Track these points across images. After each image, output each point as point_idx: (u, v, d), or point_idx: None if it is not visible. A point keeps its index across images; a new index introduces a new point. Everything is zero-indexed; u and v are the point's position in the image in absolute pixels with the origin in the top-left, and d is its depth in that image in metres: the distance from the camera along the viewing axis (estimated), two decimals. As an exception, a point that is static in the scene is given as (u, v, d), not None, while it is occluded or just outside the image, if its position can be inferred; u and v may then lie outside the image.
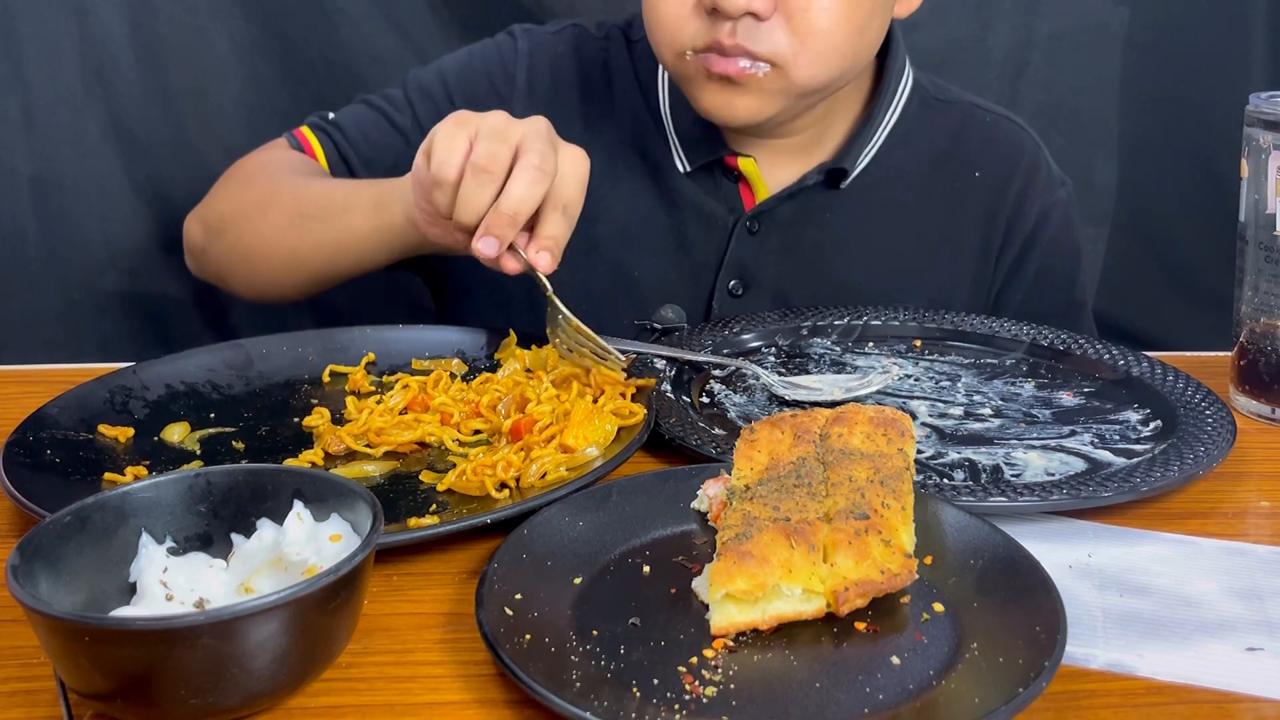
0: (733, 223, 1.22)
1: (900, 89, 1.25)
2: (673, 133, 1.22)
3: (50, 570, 0.60)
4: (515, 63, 1.26)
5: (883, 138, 1.23)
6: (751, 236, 1.22)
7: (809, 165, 1.22)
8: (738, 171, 1.21)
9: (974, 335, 1.11)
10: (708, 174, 1.22)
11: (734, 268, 1.22)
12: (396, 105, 1.26)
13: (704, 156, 1.21)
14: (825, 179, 1.21)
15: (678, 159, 1.22)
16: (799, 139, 1.21)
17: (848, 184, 1.22)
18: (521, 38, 1.27)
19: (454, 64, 1.28)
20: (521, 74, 1.25)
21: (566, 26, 1.29)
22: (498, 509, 0.75)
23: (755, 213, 1.21)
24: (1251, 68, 1.65)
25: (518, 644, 0.60)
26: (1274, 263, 0.95)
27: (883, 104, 1.22)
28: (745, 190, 1.23)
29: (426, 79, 1.27)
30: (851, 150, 1.21)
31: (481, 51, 1.28)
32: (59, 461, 0.83)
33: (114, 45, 1.48)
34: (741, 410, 0.96)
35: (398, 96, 1.27)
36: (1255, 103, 0.95)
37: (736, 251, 1.21)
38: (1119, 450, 0.89)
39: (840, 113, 1.23)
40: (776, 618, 0.64)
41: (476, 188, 0.90)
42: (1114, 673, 0.64)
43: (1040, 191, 1.27)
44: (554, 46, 1.27)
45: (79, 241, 1.50)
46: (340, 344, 1.04)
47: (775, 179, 1.22)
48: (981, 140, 1.28)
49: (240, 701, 0.56)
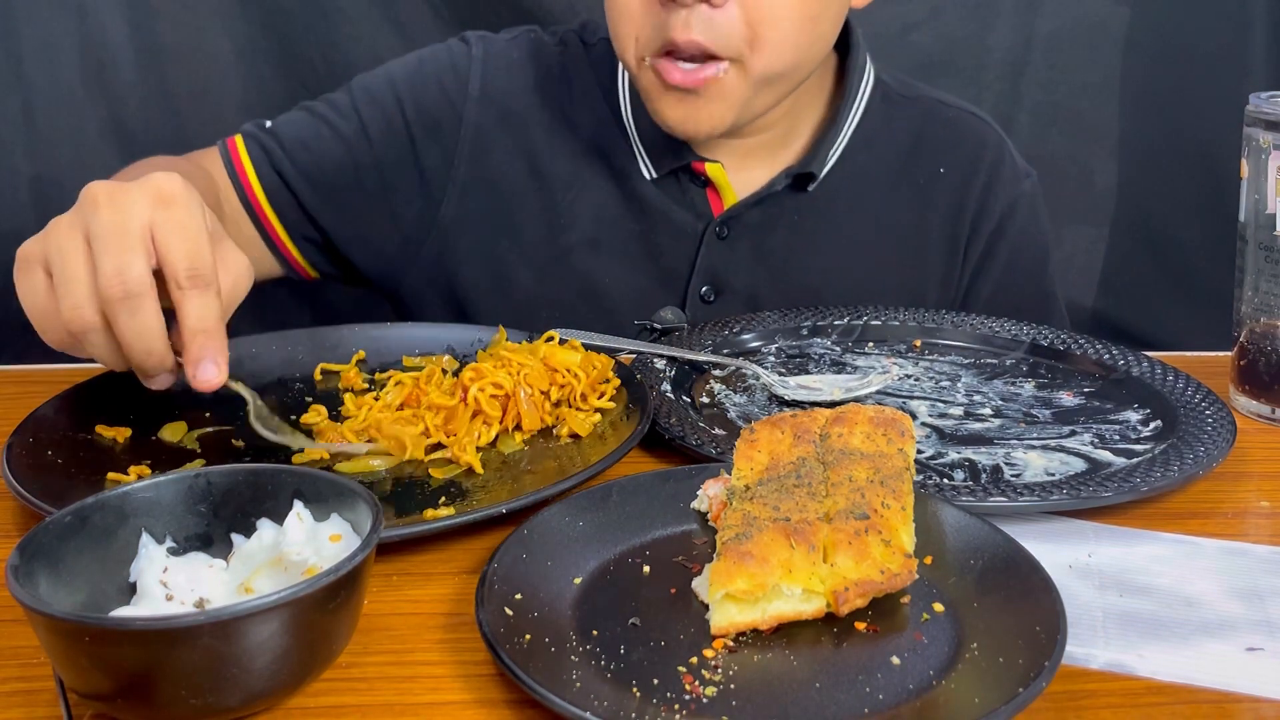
0: (702, 229, 1.21)
1: (862, 86, 1.24)
2: (636, 140, 1.21)
3: (50, 570, 0.60)
4: (469, 69, 1.23)
5: (848, 137, 1.23)
6: (721, 242, 1.21)
7: (776, 168, 1.21)
8: (705, 177, 1.20)
9: (974, 335, 1.11)
10: (674, 180, 1.21)
11: (705, 274, 1.21)
12: (341, 112, 1.22)
13: (670, 163, 1.19)
14: (792, 182, 1.21)
15: (643, 166, 1.21)
16: (765, 139, 1.20)
17: (815, 186, 1.21)
18: (476, 44, 1.25)
19: (403, 70, 1.24)
20: (476, 81, 1.22)
21: (522, 33, 1.27)
22: (508, 501, 0.75)
23: (724, 218, 1.20)
24: (1251, 68, 1.65)
25: (518, 644, 0.60)
26: (1274, 263, 0.95)
27: (846, 103, 1.22)
28: (713, 195, 1.21)
29: (374, 85, 1.23)
30: (818, 153, 1.20)
31: (433, 57, 1.25)
32: (60, 462, 0.83)
33: (114, 45, 1.49)
34: (741, 410, 0.96)
35: (343, 102, 1.23)
36: (1255, 103, 0.95)
37: (707, 257, 1.21)
38: (1119, 450, 0.89)
39: (805, 113, 1.22)
40: (776, 618, 0.64)
41: (130, 318, 0.74)
42: (1114, 673, 0.64)
43: (1005, 184, 1.27)
44: (509, 53, 1.25)
45: (78, 242, 1.50)
46: (330, 342, 1.04)
47: (742, 183, 1.21)
48: (944, 136, 1.27)
49: (240, 701, 0.56)
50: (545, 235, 1.22)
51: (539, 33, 1.27)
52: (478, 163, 1.22)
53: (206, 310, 0.75)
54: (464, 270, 1.23)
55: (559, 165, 1.23)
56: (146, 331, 0.75)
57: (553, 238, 1.22)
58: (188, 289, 0.75)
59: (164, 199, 0.75)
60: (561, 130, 1.23)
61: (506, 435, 0.89)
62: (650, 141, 1.20)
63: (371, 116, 1.21)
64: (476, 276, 1.23)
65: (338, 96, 1.24)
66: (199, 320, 0.75)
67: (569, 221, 1.22)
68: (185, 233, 0.75)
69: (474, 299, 1.22)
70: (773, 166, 1.21)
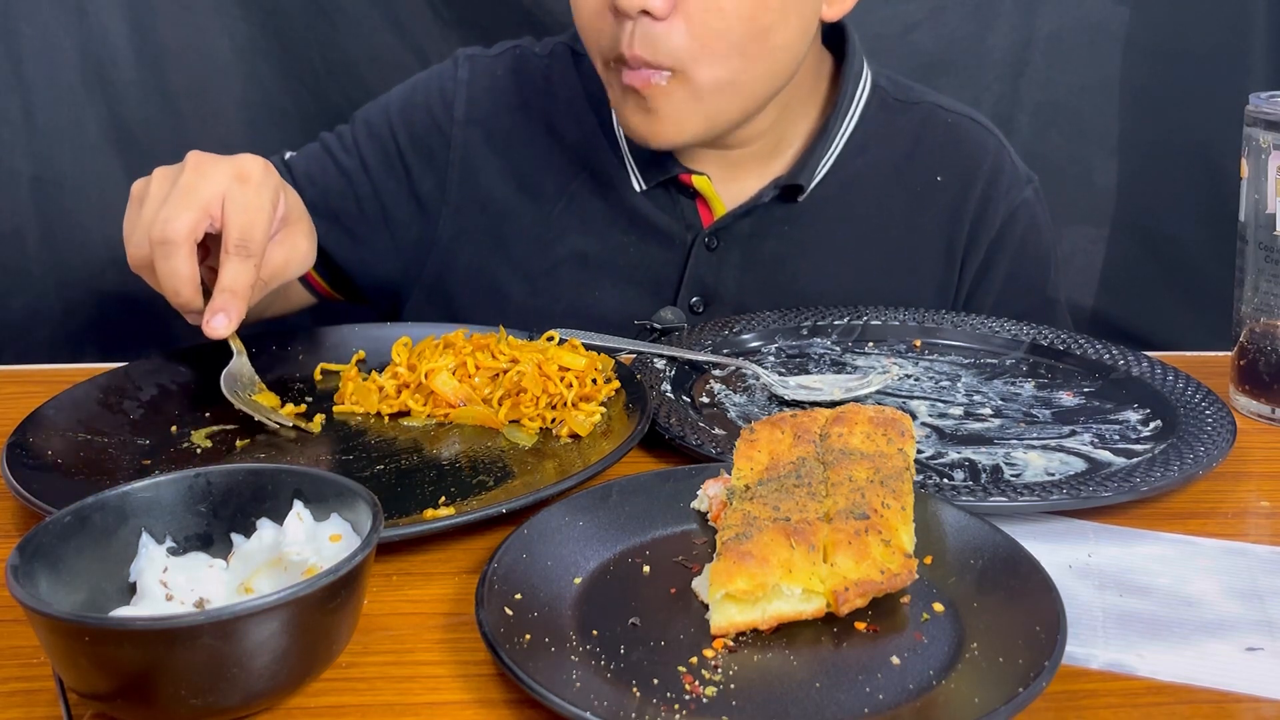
0: (691, 239, 1.21)
1: (858, 94, 1.23)
2: (627, 151, 1.21)
3: (50, 570, 0.60)
4: (455, 92, 1.25)
5: (840, 146, 1.22)
6: (710, 253, 1.21)
7: (766, 178, 1.20)
8: (693, 188, 1.20)
9: (974, 335, 1.11)
10: (664, 191, 1.21)
11: (694, 284, 1.21)
12: (345, 145, 1.27)
13: (658, 175, 1.19)
14: (781, 193, 1.20)
15: (633, 177, 1.21)
16: (754, 150, 1.20)
17: (806, 196, 1.21)
18: (463, 65, 1.26)
19: (399, 97, 1.28)
20: (460, 105, 1.25)
21: (508, 48, 1.28)
22: (507, 501, 0.76)
23: (713, 229, 1.20)
24: (1251, 68, 1.65)
25: (518, 644, 0.60)
26: (1274, 263, 0.95)
27: (839, 112, 1.21)
28: (703, 206, 1.21)
29: (373, 117, 1.27)
30: (808, 164, 1.19)
31: (425, 83, 1.28)
32: (60, 462, 0.83)
33: (114, 45, 1.49)
34: (741, 410, 0.96)
35: (346, 136, 1.27)
36: (1255, 103, 0.95)
37: (696, 268, 1.20)
38: (1119, 450, 0.89)
39: (796, 122, 1.22)
40: (776, 618, 0.64)
41: (163, 261, 0.87)
42: (1114, 673, 0.64)
43: (1004, 192, 1.25)
44: (494, 70, 1.26)
45: (79, 241, 1.50)
46: (330, 342, 1.04)
47: (732, 194, 1.20)
48: (943, 142, 1.26)
49: (240, 701, 0.56)
50: (536, 249, 1.23)
51: (526, 47, 1.28)
52: (468, 183, 1.24)
53: (240, 276, 0.87)
54: (460, 288, 1.25)
55: (547, 180, 1.24)
56: (174, 275, 0.86)
57: (543, 251, 1.23)
58: (232, 255, 0.88)
59: (242, 176, 0.89)
60: (549, 145, 1.24)
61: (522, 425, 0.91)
62: (639, 152, 1.20)
63: (370, 150, 1.26)
64: (472, 293, 1.25)
65: (344, 129, 1.28)
66: (230, 281, 0.87)
67: (558, 235, 1.22)
68: (247, 209, 0.88)
69: (469, 314, 1.23)
70: (763, 177, 1.21)
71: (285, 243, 0.94)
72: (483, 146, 1.24)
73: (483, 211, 1.24)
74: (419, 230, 1.26)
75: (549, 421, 0.91)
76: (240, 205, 0.88)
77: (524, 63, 1.27)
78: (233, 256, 0.87)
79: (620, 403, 0.93)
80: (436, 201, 1.25)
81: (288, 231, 0.94)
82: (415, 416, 0.93)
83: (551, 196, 1.23)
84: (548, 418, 0.91)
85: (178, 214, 0.86)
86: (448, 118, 1.25)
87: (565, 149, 1.23)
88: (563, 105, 1.25)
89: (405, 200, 1.25)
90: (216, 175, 0.88)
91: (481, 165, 1.24)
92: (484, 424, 0.91)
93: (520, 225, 1.23)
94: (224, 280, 0.87)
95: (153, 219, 0.87)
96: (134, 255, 0.90)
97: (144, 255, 0.88)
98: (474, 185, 1.24)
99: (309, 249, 0.97)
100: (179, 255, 0.86)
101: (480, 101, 1.25)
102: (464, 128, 1.24)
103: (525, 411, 0.91)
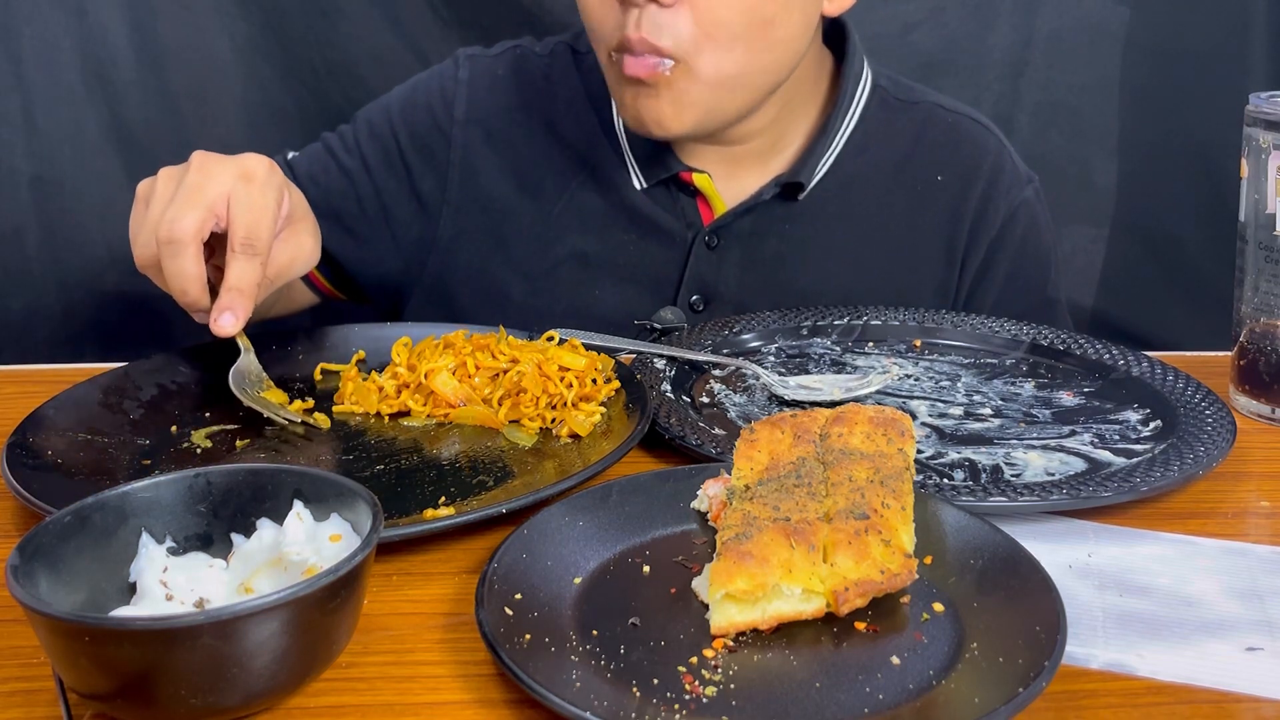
0: (691, 238, 1.21)
1: (858, 93, 1.23)
2: (627, 148, 1.21)
3: (50, 570, 0.60)
4: (455, 92, 1.26)
5: (841, 144, 1.22)
6: (711, 251, 1.21)
7: (765, 177, 1.21)
8: (693, 186, 1.20)
9: (974, 335, 1.11)
10: (664, 189, 1.21)
11: (694, 283, 1.21)
12: (346, 145, 1.27)
13: (658, 173, 1.20)
14: (782, 191, 1.20)
15: (634, 175, 1.21)
16: (754, 147, 1.20)
17: (806, 194, 1.21)
18: (463, 65, 1.27)
19: (399, 97, 1.28)
20: (461, 104, 1.25)
21: (509, 48, 1.28)
22: (507, 501, 0.76)
23: (713, 227, 1.20)
24: (1251, 68, 1.65)
25: (518, 644, 0.61)
26: (1274, 263, 0.95)
27: (840, 110, 1.21)
28: (703, 204, 1.21)
29: (374, 116, 1.27)
30: (808, 162, 1.20)
31: (425, 83, 1.28)
32: (60, 462, 0.83)
33: (114, 45, 1.49)
34: (741, 410, 0.96)
35: (348, 135, 1.27)
36: (1255, 103, 0.95)
37: (696, 266, 1.21)
38: (1119, 450, 0.89)
39: (796, 120, 1.22)
40: (776, 618, 0.64)
41: (170, 260, 0.87)
42: (1114, 673, 0.64)
43: (1005, 192, 1.25)
44: (494, 70, 1.27)
45: (79, 241, 1.51)
46: (330, 342, 1.05)
47: (732, 192, 1.21)
48: (943, 142, 1.26)
49: (240, 701, 0.56)
50: (536, 249, 1.23)
51: (526, 46, 1.29)
52: (469, 183, 1.25)
53: (246, 274, 0.88)
54: (460, 287, 1.26)
55: (547, 179, 1.24)
56: (181, 274, 0.87)
57: (543, 250, 1.23)
58: (238, 253, 0.88)
59: (247, 175, 0.89)
60: (549, 144, 1.24)
61: (522, 425, 0.91)
62: (640, 150, 1.20)
63: (371, 149, 1.26)
64: (472, 293, 1.25)
65: (345, 129, 1.29)
66: (237, 280, 0.88)
67: (558, 234, 1.23)
68: (252, 208, 0.88)
69: (470, 314, 1.23)
70: (763, 175, 1.21)
71: (290, 241, 0.95)
72: (483, 146, 1.25)
73: (483, 211, 1.24)
74: (420, 230, 1.26)
75: (549, 421, 0.91)
76: (245, 204, 0.88)
77: (524, 62, 1.27)
78: (239, 255, 0.88)
79: (620, 403, 0.93)
80: (437, 201, 1.25)
81: (293, 230, 0.95)
82: (415, 416, 0.93)
83: (552, 196, 1.23)
84: (548, 418, 0.91)
85: (184, 213, 0.86)
86: (448, 117, 1.25)
87: (565, 148, 1.24)
88: (563, 105, 1.25)
89: (406, 200, 1.26)
90: (222, 174, 0.89)
91: (482, 165, 1.24)
92: (484, 424, 0.91)
93: (520, 225, 1.24)
94: (230, 279, 0.88)
95: (159, 219, 0.87)
96: (141, 255, 0.90)
97: (151, 255, 0.88)
98: (474, 185, 1.25)
99: (314, 247, 0.98)
100: (186, 255, 0.86)
101: (481, 101, 1.25)
102: (464, 127, 1.25)
103: (525, 411, 0.91)
